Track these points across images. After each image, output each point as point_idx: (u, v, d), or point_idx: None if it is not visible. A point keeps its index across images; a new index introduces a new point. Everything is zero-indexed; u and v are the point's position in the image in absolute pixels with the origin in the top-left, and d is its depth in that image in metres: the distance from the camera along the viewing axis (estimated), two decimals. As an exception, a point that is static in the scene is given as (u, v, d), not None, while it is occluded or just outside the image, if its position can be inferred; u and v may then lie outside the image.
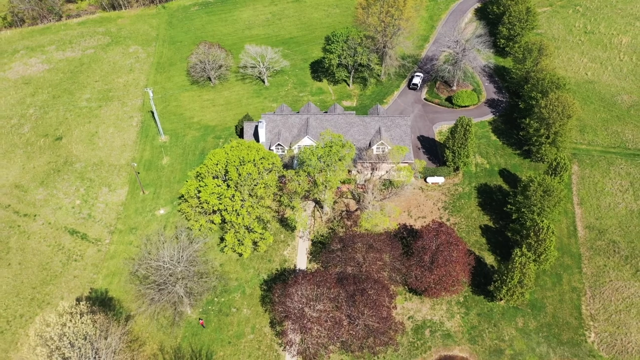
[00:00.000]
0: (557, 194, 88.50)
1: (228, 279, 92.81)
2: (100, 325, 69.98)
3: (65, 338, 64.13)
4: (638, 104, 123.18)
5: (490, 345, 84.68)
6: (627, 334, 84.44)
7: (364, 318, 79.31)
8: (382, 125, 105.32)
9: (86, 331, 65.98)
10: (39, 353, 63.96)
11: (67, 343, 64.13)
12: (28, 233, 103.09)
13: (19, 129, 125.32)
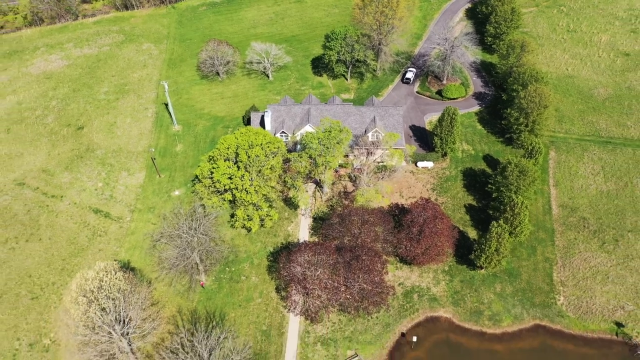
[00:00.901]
0: (531, 174, 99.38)
1: (238, 251, 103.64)
2: (131, 282, 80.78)
3: (102, 290, 74.91)
4: (613, 96, 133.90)
5: (471, 307, 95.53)
6: (592, 297, 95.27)
7: (359, 282, 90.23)
8: (377, 114, 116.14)
9: (119, 286, 76.75)
10: (80, 302, 74.70)
11: (104, 295, 74.92)
12: (56, 212, 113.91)
13: (43, 119, 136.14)
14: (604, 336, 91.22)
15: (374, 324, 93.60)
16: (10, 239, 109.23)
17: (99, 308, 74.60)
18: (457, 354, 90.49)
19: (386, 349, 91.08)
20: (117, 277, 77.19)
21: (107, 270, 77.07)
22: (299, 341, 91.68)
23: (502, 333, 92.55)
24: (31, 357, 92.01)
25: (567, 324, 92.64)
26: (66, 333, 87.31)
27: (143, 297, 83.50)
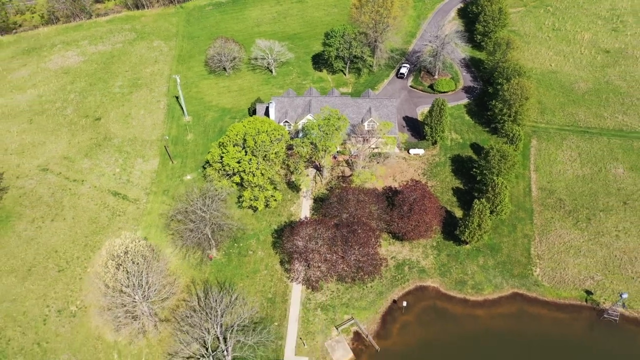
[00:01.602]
0: (511, 158, 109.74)
1: (245, 229, 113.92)
2: (152, 250, 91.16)
3: (128, 255, 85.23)
4: (592, 90, 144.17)
5: (456, 278, 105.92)
6: (565, 269, 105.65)
7: (355, 255, 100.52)
8: (372, 105, 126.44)
9: (143, 252, 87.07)
10: (110, 265, 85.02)
11: (129, 259, 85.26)
12: (78, 194, 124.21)
13: (63, 111, 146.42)
14: (575, 302, 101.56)
15: (369, 292, 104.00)
16: (37, 219, 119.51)
17: (125, 271, 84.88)
18: (443, 319, 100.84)
19: (379, 313, 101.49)
20: (141, 245, 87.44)
21: (132, 238, 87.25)
22: (301, 307, 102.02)
23: (483, 300, 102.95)
24: (60, 322, 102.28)
25: (542, 292, 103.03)
26: (96, 294, 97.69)
27: (162, 266, 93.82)
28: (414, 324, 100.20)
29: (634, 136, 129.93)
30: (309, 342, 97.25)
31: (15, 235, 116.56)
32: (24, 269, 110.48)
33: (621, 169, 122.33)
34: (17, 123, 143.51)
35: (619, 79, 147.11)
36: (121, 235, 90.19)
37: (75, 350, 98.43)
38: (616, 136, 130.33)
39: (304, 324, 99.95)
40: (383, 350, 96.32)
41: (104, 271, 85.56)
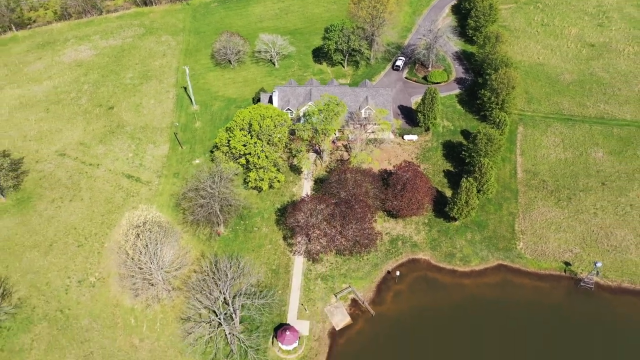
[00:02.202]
0: (497, 141, 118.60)
1: (250, 207, 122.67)
2: (167, 223, 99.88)
3: (146, 224, 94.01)
4: (576, 81, 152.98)
5: (446, 251, 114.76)
6: (546, 243, 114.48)
7: (352, 229, 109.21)
8: (369, 94, 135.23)
9: (160, 222, 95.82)
10: (130, 233, 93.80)
11: (147, 228, 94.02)
12: (94, 177, 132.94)
13: (78, 100, 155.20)
14: (554, 273, 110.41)
15: (365, 264, 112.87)
16: (57, 199, 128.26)
17: (143, 239, 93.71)
18: (433, 287, 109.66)
19: (374, 283, 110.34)
20: (157, 216, 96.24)
21: (149, 210, 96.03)
22: (302, 277, 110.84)
23: (470, 271, 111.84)
24: (80, 291, 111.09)
25: (525, 264, 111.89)
26: (116, 261, 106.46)
27: (175, 237, 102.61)
28: (407, 292, 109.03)
29: (614, 123, 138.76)
30: (310, 307, 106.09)
31: (36, 214, 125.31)
32: (45, 245, 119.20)
33: (601, 153, 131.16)
34: (35, 112, 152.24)
35: (602, 71, 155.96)
36: (139, 208, 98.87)
37: (95, 316, 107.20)
38: (597, 123, 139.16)
39: (305, 292, 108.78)
40: (378, 315, 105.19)
41: (125, 239, 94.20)
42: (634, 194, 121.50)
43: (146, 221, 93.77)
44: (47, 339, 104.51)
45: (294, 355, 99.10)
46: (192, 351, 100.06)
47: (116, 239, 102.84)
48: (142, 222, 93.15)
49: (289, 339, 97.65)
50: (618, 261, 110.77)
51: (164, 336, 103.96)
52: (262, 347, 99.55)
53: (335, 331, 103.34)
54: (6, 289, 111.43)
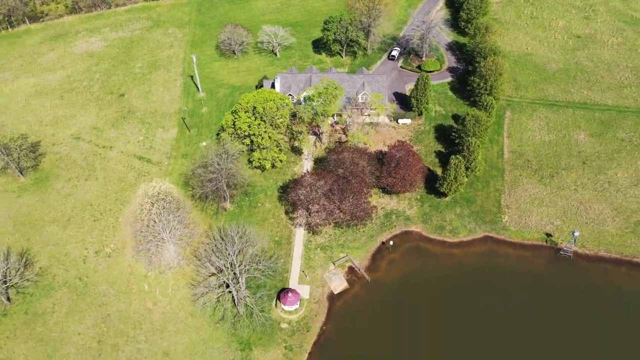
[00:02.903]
0: (484, 122, 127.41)
1: (254, 185, 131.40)
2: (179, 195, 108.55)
3: (161, 194, 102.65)
4: (562, 69, 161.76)
5: (436, 224, 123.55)
6: (529, 216, 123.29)
7: (350, 203, 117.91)
8: (365, 80, 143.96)
9: (172, 194, 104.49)
10: (145, 202, 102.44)
11: (161, 198, 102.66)
12: (107, 158, 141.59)
13: (90, 88, 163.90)
14: (536, 243, 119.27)
15: (361, 235, 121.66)
16: (73, 178, 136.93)
17: (157, 208, 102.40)
18: (424, 256, 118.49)
19: (370, 252, 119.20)
20: (170, 187, 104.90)
21: (162, 182, 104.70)
22: (303, 247, 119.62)
23: (459, 241, 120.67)
24: (97, 261, 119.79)
25: (509, 235, 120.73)
26: (131, 233, 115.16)
27: (189, 205, 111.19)
28: (400, 260, 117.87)
29: (596, 108, 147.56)
30: (310, 274, 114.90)
31: (54, 192, 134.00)
32: (64, 219, 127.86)
33: (583, 135, 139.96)
34: (50, 99, 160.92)
35: (586, 60, 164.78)
36: (154, 180, 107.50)
37: (111, 282, 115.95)
38: (580, 108, 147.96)
39: (306, 260, 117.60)
40: (373, 281, 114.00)
41: (140, 208, 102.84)
42: (612, 172, 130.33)
43: (160, 192, 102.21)
44: (68, 304, 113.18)
45: (295, 315, 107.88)
46: (201, 313, 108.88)
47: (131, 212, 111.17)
48: (156, 192, 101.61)
49: (291, 300, 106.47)
50: (595, 232, 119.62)
51: (175, 300, 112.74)
52: (267, 309, 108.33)
53: (333, 295, 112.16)
54: (28, 259, 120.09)
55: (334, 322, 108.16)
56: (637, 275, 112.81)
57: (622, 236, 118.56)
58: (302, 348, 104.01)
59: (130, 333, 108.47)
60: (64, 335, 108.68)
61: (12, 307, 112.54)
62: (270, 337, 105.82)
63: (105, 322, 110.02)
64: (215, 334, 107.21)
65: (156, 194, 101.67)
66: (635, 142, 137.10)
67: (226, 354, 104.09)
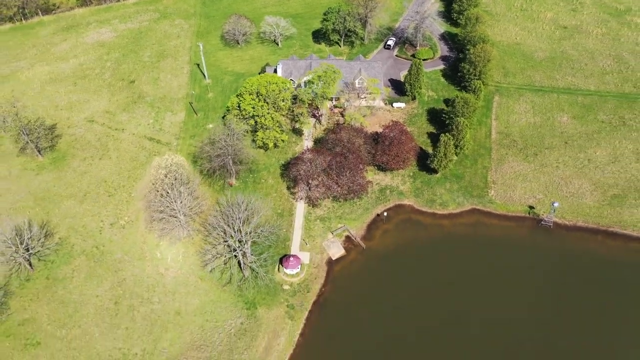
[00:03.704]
0: (472, 104, 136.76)
1: (258, 163, 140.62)
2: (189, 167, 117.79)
3: (174, 165, 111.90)
4: (548, 58, 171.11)
5: (428, 198, 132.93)
6: (513, 191, 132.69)
7: (346, 177, 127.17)
8: (362, 67, 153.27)
9: (183, 166, 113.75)
10: (160, 172, 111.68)
11: (174, 168, 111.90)
12: (120, 139, 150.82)
13: (102, 75, 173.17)
14: (520, 215, 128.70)
15: (357, 208, 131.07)
16: (88, 158, 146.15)
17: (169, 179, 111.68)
18: (416, 227, 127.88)
19: (365, 223, 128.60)
20: (181, 160, 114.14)
21: (174, 156, 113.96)
22: (303, 219, 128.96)
23: (448, 213, 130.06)
24: (112, 232, 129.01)
25: (495, 207, 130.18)
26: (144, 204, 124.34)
27: (196, 182, 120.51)
28: (393, 230, 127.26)
29: (579, 93, 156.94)
30: (310, 242, 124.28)
31: (71, 170, 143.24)
32: (80, 195, 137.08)
33: (566, 118, 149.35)
34: (64, 86, 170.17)
35: (572, 49, 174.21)
36: (166, 154, 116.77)
37: (126, 251, 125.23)
38: (564, 93, 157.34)
39: (306, 230, 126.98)
40: (368, 248, 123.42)
41: (154, 179, 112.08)
42: (592, 151, 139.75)
43: (172, 164, 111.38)
44: (86, 269, 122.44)
45: (296, 278, 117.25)
46: (210, 277, 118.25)
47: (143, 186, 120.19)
48: (169, 164, 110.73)
49: (293, 264, 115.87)
50: (575, 205, 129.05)
51: (185, 266, 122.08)
52: (270, 272, 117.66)
53: (331, 260, 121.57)
54: (48, 230, 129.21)
55: (332, 284, 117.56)
56: (611, 243, 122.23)
57: (599, 208, 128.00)
58: (303, 307, 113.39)
59: (144, 295, 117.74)
60: (83, 297, 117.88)
61: (34, 273, 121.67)
62: (274, 297, 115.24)
63: (121, 286, 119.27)
64: (223, 295, 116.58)
65: (169, 165, 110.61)
66: (614, 124, 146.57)
67: (233, 313, 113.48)
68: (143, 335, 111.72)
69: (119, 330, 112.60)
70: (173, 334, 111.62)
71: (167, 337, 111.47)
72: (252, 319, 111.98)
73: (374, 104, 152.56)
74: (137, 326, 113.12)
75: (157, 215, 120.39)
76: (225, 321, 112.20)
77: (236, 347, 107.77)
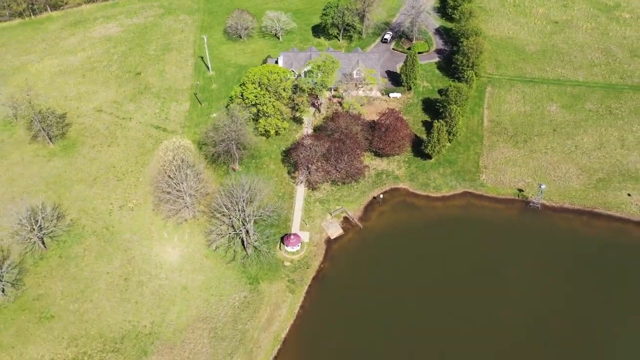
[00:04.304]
0: (465, 92, 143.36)
1: (260, 149, 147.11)
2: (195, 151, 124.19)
3: (180, 149, 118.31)
4: (539, 51, 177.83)
5: (422, 182, 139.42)
6: (504, 175, 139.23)
7: (344, 162, 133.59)
8: (360, 58, 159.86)
9: (190, 149, 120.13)
10: (167, 155, 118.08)
11: (180, 151, 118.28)
12: (127, 128, 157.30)
13: (109, 68, 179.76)
14: (509, 197, 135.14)
15: (355, 191, 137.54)
16: (97, 145, 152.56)
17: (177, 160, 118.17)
18: (410, 208, 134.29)
19: (362, 205, 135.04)
20: (188, 143, 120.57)
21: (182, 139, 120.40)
22: (303, 201, 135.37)
23: (441, 196, 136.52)
24: (121, 214, 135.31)
25: (486, 190, 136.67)
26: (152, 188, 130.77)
27: (202, 165, 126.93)
28: (388, 212, 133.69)
29: (567, 83, 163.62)
30: (310, 223, 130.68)
31: (81, 156, 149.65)
32: (90, 179, 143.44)
33: (554, 107, 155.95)
34: (73, 77, 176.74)
35: (562, 43, 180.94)
36: (174, 137, 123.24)
37: (134, 231, 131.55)
38: (554, 84, 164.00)
39: (306, 212, 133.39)
40: (365, 228, 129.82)
41: (163, 160, 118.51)
42: (579, 138, 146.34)
43: (179, 146, 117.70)
44: (97, 249, 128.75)
45: (297, 255, 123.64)
46: (214, 255, 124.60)
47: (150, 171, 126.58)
48: (176, 146, 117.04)
49: (293, 242, 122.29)
50: (562, 188, 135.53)
51: (191, 245, 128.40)
52: (272, 250, 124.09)
53: (330, 239, 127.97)
54: (60, 212, 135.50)
55: (330, 261, 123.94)
56: (596, 223, 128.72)
57: (585, 191, 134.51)
58: (303, 281, 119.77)
59: (152, 272, 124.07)
60: (94, 274, 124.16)
61: (47, 252, 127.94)
62: (275, 273, 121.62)
63: (130, 263, 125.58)
64: (227, 271, 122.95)
65: (176, 147, 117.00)
66: (601, 113, 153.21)
67: (237, 287, 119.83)
68: (152, 308, 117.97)
69: (128, 304, 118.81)
70: (180, 307, 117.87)
71: (174, 310, 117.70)
72: (255, 292, 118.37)
73: (371, 94, 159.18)
74: (146, 300, 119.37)
75: (164, 196, 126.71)
76: (229, 295, 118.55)
77: (240, 318, 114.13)
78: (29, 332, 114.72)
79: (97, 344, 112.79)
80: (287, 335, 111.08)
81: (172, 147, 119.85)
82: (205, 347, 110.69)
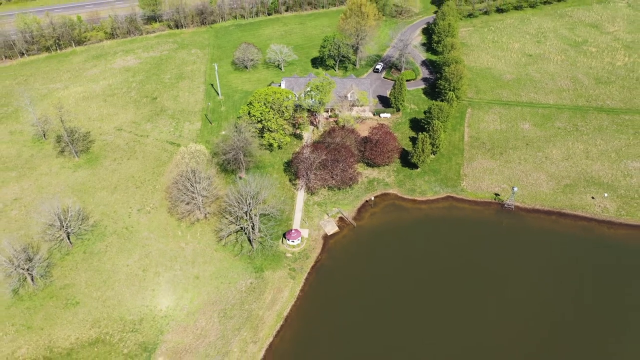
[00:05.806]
0: (446, 110, 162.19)
1: (264, 160, 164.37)
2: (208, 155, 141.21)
3: (197, 153, 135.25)
4: (515, 79, 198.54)
5: (409, 188, 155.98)
6: (481, 182, 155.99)
7: (339, 170, 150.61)
8: (353, 83, 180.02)
9: (204, 154, 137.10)
10: (184, 159, 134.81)
11: (196, 156, 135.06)
12: (145, 144, 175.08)
13: (128, 94, 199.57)
14: (487, 200, 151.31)
15: (349, 195, 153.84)
16: (118, 158, 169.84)
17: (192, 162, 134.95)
18: (399, 210, 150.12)
19: (356, 207, 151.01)
20: (202, 149, 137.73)
21: (197, 145, 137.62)
22: (303, 204, 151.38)
23: (426, 200, 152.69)
24: (139, 216, 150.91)
25: (466, 195, 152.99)
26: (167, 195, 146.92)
27: (213, 170, 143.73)
28: (380, 213, 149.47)
29: (539, 106, 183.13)
30: (309, 221, 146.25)
31: (103, 168, 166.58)
32: (111, 187, 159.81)
33: (527, 125, 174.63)
34: (96, 102, 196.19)
35: (535, 72, 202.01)
36: (189, 144, 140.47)
37: (152, 230, 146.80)
38: (527, 106, 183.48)
39: (306, 212, 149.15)
40: (358, 227, 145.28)
41: (180, 163, 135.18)
42: (549, 150, 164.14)
43: (195, 150, 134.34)
44: (117, 245, 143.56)
45: (297, 248, 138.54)
46: (224, 249, 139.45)
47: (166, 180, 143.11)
48: (192, 150, 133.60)
49: (294, 236, 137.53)
50: (533, 192, 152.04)
51: (203, 241, 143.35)
52: (275, 244, 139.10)
53: (327, 236, 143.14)
54: (85, 215, 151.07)
55: (327, 253, 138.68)
56: (563, 222, 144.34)
57: (554, 194, 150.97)
58: (303, 270, 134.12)
59: (168, 264, 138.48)
60: (115, 267, 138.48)
61: (73, 249, 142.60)
62: (278, 263, 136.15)
63: (147, 257, 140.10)
64: (235, 262, 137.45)
65: (192, 151, 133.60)
66: (568, 129, 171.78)
67: (244, 275, 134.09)
68: (167, 295, 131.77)
69: (146, 291, 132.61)
70: (192, 294, 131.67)
71: (187, 296, 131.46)
72: (259, 279, 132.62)
73: (363, 114, 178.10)
74: (162, 288, 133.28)
75: (180, 196, 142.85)
76: (237, 282, 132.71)
77: (246, 300, 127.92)
78: (56, 316, 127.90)
79: (118, 325, 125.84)
80: (288, 313, 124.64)
81: (188, 152, 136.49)
82: (215, 324, 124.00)
